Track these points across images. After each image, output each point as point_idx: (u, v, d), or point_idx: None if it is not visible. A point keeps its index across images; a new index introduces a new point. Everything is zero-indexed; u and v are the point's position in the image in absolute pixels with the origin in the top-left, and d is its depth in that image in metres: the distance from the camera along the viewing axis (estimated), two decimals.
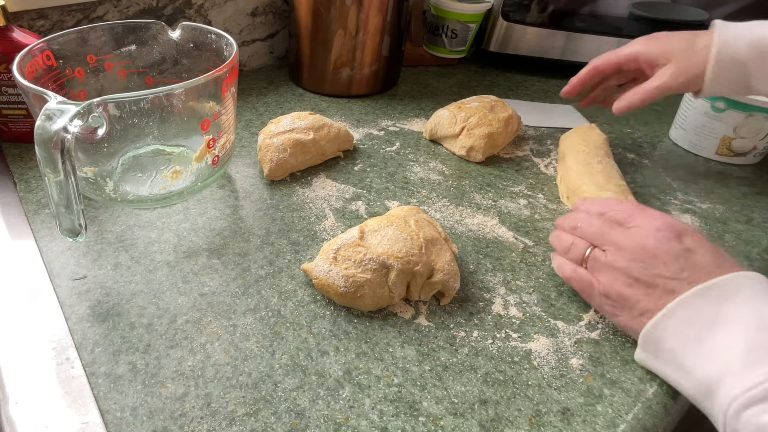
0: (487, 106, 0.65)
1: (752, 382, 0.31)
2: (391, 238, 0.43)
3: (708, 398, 0.34)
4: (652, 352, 0.38)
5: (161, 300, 0.42)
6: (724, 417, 0.32)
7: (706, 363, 0.34)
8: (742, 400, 0.31)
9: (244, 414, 0.34)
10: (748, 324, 0.33)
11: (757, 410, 0.30)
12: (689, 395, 0.36)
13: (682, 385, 0.36)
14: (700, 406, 0.35)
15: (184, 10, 0.71)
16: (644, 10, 0.83)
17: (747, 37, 0.51)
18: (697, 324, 0.35)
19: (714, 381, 0.33)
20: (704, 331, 0.34)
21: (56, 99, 0.38)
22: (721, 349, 0.33)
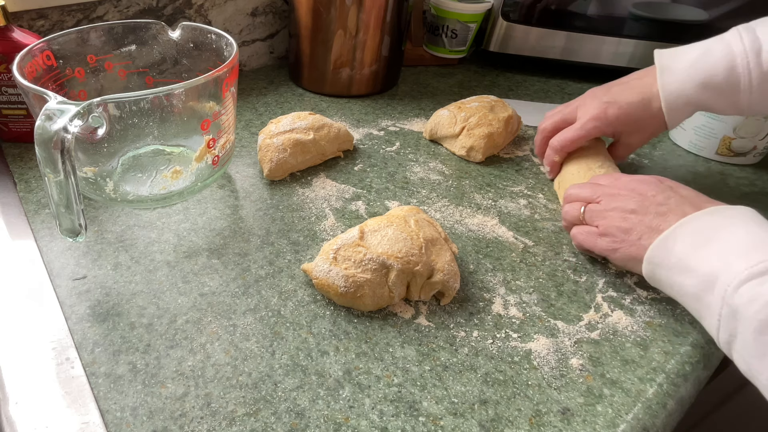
0: (487, 106, 0.65)
1: (753, 261, 0.35)
2: (391, 238, 0.43)
3: (709, 290, 0.37)
4: (659, 262, 0.41)
5: (161, 300, 0.42)
6: (723, 298, 0.36)
7: (711, 259, 0.37)
8: (742, 276, 0.35)
9: (244, 414, 0.34)
10: (748, 230, 0.38)
11: (754, 283, 0.34)
12: (692, 293, 0.39)
13: (686, 285, 0.39)
14: (699, 304, 0.38)
15: (184, 10, 0.71)
16: (644, 10, 0.83)
17: (692, 82, 0.50)
18: (705, 233, 0.39)
19: (717, 271, 0.36)
20: (711, 237, 0.38)
21: (56, 99, 0.38)
22: (725, 247, 0.37)
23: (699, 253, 0.38)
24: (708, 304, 0.37)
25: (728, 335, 0.36)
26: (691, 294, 0.39)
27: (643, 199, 0.44)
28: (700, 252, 0.38)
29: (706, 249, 0.38)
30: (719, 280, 0.36)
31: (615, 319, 0.44)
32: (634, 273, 0.49)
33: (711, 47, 0.50)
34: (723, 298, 0.36)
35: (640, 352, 0.41)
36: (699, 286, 0.38)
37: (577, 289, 0.47)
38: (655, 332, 0.43)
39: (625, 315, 0.44)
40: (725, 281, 0.36)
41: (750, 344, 0.34)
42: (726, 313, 0.36)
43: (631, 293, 0.47)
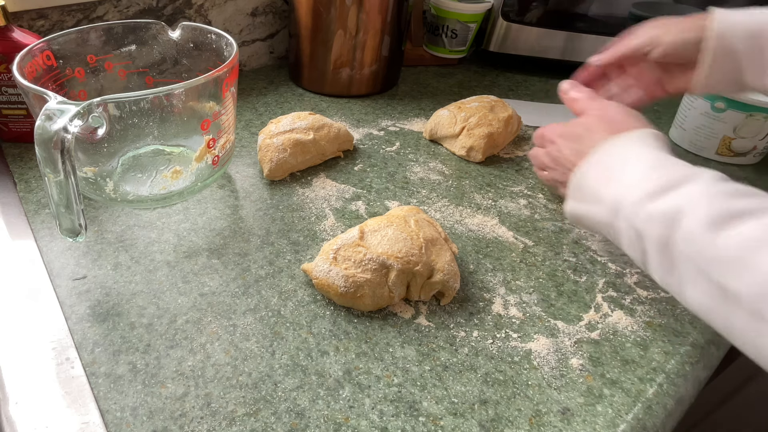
0: (487, 106, 0.65)
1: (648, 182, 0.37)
2: (391, 238, 0.43)
3: (617, 216, 0.39)
4: (577, 197, 0.44)
5: (161, 300, 0.42)
6: (627, 222, 0.38)
7: (615, 187, 0.39)
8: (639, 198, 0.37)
9: (244, 414, 0.34)
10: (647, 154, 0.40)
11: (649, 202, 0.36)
12: (604, 221, 0.41)
13: (599, 214, 0.41)
14: (613, 231, 0.40)
15: (184, 10, 0.71)
16: (644, 10, 0.83)
17: (743, 29, 0.48)
18: (609, 164, 0.41)
19: (620, 197, 0.39)
20: (613, 168, 0.41)
21: (56, 99, 0.38)
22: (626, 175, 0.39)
23: (605, 184, 0.40)
24: (619, 229, 0.39)
25: (640, 254, 0.38)
26: (605, 222, 0.41)
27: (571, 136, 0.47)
28: (606, 181, 0.40)
29: (611, 179, 0.40)
30: (622, 205, 0.38)
31: (615, 319, 0.44)
32: (634, 273, 0.49)
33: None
34: (628, 222, 0.38)
35: (640, 352, 0.41)
36: (609, 214, 0.40)
37: (577, 289, 0.47)
38: (655, 332, 0.43)
39: (625, 315, 0.44)
40: (626, 205, 0.38)
41: (657, 260, 0.37)
42: (633, 235, 0.38)
43: (631, 293, 0.47)
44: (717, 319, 0.33)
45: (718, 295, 0.32)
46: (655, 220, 0.36)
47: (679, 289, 0.36)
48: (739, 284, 0.31)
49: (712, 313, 0.33)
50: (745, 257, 0.31)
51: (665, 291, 0.47)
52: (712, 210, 0.33)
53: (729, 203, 0.33)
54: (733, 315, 0.32)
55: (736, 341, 0.33)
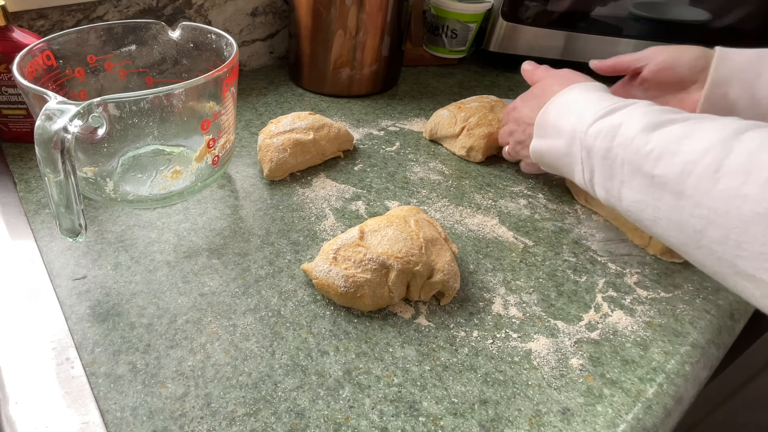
0: (487, 106, 0.65)
1: (598, 108, 0.43)
2: (391, 238, 0.43)
3: (572, 142, 0.45)
4: (540, 134, 0.50)
5: (161, 300, 0.42)
6: (580, 144, 0.44)
7: (572, 119, 0.45)
8: (590, 121, 0.43)
9: (244, 414, 0.34)
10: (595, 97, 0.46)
11: (599, 122, 0.42)
12: (564, 151, 0.46)
13: (559, 146, 0.47)
14: (570, 159, 0.46)
15: (184, 10, 0.71)
16: (644, 10, 0.83)
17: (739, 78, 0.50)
18: (566, 103, 0.48)
19: (576, 124, 0.45)
20: (570, 104, 0.47)
21: (56, 99, 0.38)
22: (581, 108, 0.45)
23: (563, 118, 0.47)
24: (573, 154, 0.45)
25: (589, 173, 0.44)
26: (563, 152, 0.46)
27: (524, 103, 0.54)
28: (565, 117, 0.46)
29: (569, 113, 0.46)
30: (576, 131, 0.44)
31: (615, 319, 0.44)
32: (634, 273, 0.49)
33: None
34: (580, 144, 0.44)
35: (640, 352, 0.41)
36: (567, 143, 0.46)
37: (577, 289, 0.47)
38: (655, 332, 0.43)
39: (625, 315, 0.44)
40: (580, 130, 0.44)
41: (600, 171, 0.42)
42: (584, 155, 0.44)
43: (631, 293, 0.47)
44: (647, 210, 0.39)
45: (648, 186, 0.38)
46: (601, 135, 0.42)
47: (618, 193, 0.41)
48: (665, 170, 0.37)
49: (644, 206, 0.39)
50: (671, 147, 0.37)
51: (665, 291, 0.47)
52: (645, 119, 0.40)
53: (660, 116, 0.40)
54: (660, 201, 0.37)
55: (661, 228, 0.38)
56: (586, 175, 0.44)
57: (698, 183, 0.35)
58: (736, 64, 0.50)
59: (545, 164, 0.51)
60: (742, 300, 0.47)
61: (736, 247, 0.33)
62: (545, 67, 0.57)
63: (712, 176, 0.34)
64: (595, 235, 0.53)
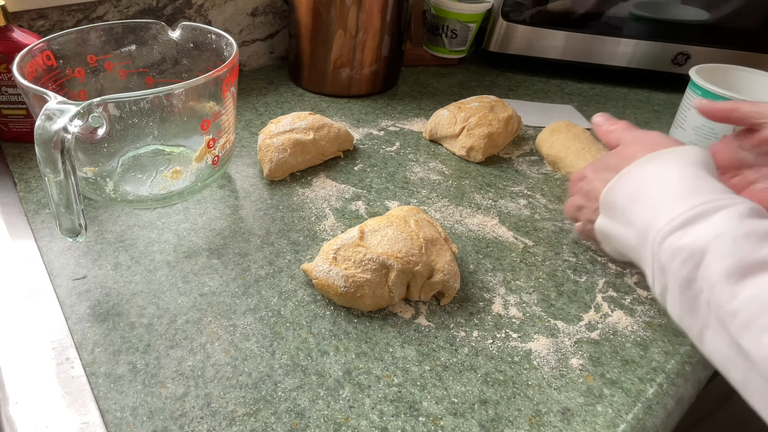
0: (487, 106, 0.65)
1: (676, 212, 0.34)
2: (391, 238, 0.43)
3: (644, 243, 0.37)
4: (607, 214, 0.41)
5: (161, 300, 0.42)
6: (652, 253, 0.36)
7: (644, 211, 0.37)
8: (665, 230, 0.35)
9: (244, 414, 0.34)
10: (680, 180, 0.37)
11: (675, 237, 0.34)
12: (633, 246, 0.38)
13: (628, 238, 0.39)
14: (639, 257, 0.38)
15: (184, 10, 0.71)
16: (644, 10, 0.83)
17: None
18: (641, 182, 0.39)
19: (648, 224, 0.36)
20: (646, 187, 0.38)
21: (56, 99, 0.38)
22: (656, 199, 0.37)
23: (635, 205, 0.38)
24: (644, 257, 0.37)
25: (661, 288, 0.36)
26: (633, 247, 0.39)
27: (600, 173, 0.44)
28: (637, 204, 0.38)
29: (641, 200, 0.38)
30: (649, 234, 0.36)
31: (615, 319, 0.44)
32: (634, 273, 0.49)
33: None
34: (652, 254, 0.36)
35: (640, 352, 0.41)
36: (637, 240, 0.38)
37: (577, 289, 0.47)
38: (655, 332, 0.43)
39: (625, 315, 0.44)
40: (652, 236, 0.36)
41: (678, 299, 0.35)
42: (656, 267, 0.36)
43: (631, 293, 0.47)
44: (734, 373, 0.32)
45: (735, 350, 0.31)
46: (679, 257, 0.33)
47: (698, 333, 0.33)
48: (752, 345, 0.29)
49: (730, 366, 0.32)
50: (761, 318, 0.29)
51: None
52: (736, 255, 0.31)
53: (755, 250, 0.31)
54: (748, 373, 0.30)
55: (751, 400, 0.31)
56: (658, 288, 0.37)
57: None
58: None
59: (611, 248, 0.43)
60: None
61: None
62: (626, 125, 0.46)
63: None
64: None
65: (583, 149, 0.60)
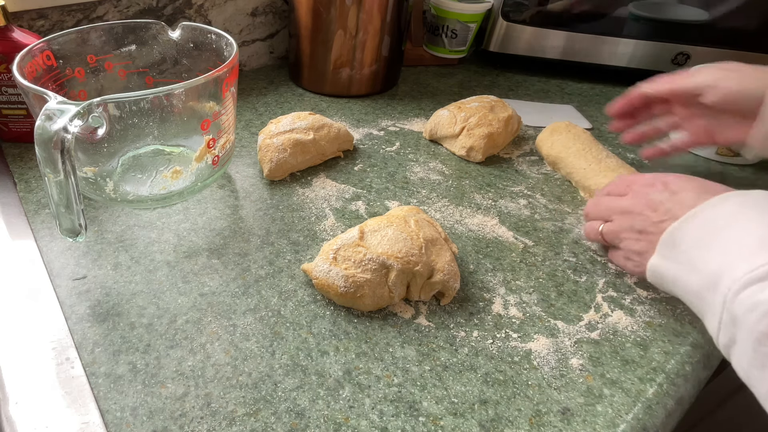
0: (487, 106, 0.65)
1: (754, 265, 0.32)
2: (391, 238, 0.43)
3: (712, 290, 0.35)
4: (666, 255, 0.40)
5: (161, 300, 0.42)
6: (723, 302, 0.34)
7: (716, 257, 0.35)
8: (743, 281, 0.33)
9: (244, 414, 0.34)
10: (760, 223, 0.35)
11: (755, 289, 0.32)
12: (695, 292, 0.37)
13: (689, 282, 0.37)
14: (701, 303, 0.37)
15: (184, 10, 0.71)
16: (644, 10, 0.83)
17: None
18: (712, 225, 0.37)
19: (720, 271, 0.35)
20: (718, 231, 0.36)
21: (56, 99, 0.38)
22: (731, 245, 0.35)
23: (704, 249, 0.36)
24: (710, 304, 0.36)
25: (728, 339, 0.35)
26: (694, 292, 0.37)
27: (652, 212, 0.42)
28: (706, 248, 0.36)
29: (712, 245, 0.36)
30: (722, 282, 0.34)
31: (615, 319, 0.44)
32: None
33: None
34: (724, 303, 0.34)
35: (640, 352, 0.41)
36: (702, 285, 0.36)
37: (577, 289, 0.47)
38: (655, 332, 0.43)
39: (625, 315, 0.44)
40: (726, 285, 0.34)
41: (749, 353, 0.33)
42: (726, 318, 0.34)
43: (631, 293, 0.47)
44: None
45: None
46: (757, 311, 0.31)
47: (765, 389, 0.32)
48: None
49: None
50: None
51: (666, 291, 0.47)
52: None
53: None
54: None
55: None
56: (722, 339, 0.35)
57: None
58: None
59: (664, 288, 0.42)
60: None
61: None
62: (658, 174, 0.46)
63: None
64: None
65: (583, 149, 0.60)
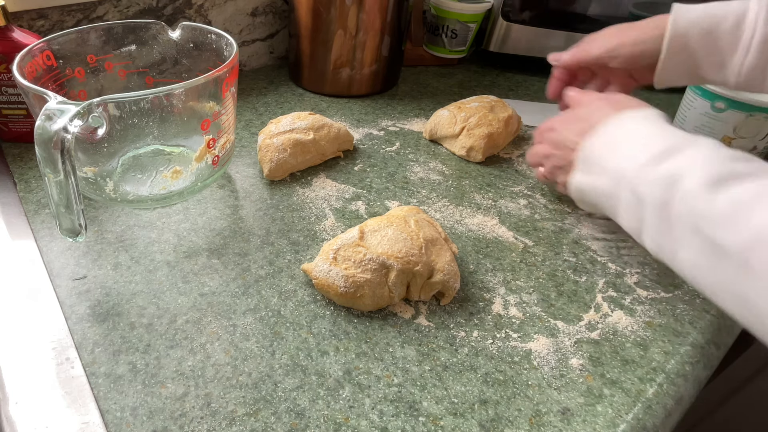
0: (487, 106, 0.65)
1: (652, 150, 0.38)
2: (391, 238, 0.43)
3: (619, 184, 0.40)
4: (583, 170, 0.45)
5: (161, 300, 0.42)
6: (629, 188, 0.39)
7: (621, 157, 0.41)
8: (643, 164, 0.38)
9: (244, 414, 0.34)
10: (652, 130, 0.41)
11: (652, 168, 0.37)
12: (607, 191, 0.42)
13: (604, 186, 0.42)
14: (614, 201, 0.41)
15: (184, 10, 0.71)
16: (644, 10, 0.83)
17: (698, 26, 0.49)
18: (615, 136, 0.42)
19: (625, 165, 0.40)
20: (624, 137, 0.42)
21: (56, 99, 0.38)
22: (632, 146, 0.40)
23: (612, 155, 0.42)
24: (619, 198, 0.40)
25: (638, 222, 0.39)
26: (607, 193, 0.42)
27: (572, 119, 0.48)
28: (613, 154, 0.42)
29: (618, 150, 0.41)
30: (626, 172, 0.39)
31: (615, 319, 0.44)
32: (634, 273, 0.49)
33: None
34: (629, 188, 0.39)
35: (640, 352, 0.41)
36: (612, 183, 0.41)
37: (577, 289, 0.47)
38: (655, 332, 0.43)
39: (625, 315, 0.44)
40: (629, 172, 0.39)
41: (655, 224, 0.37)
42: (633, 201, 0.39)
43: (631, 293, 0.47)
44: (706, 277, 0.35)
45: (710, 251, 0.34)
46: (656, 183, 0.37)
47: (672, 250, 0.37)
48: (731, 238, 0.32)
49: (702, 272, 0.35)
50: (739, 213, 0.32)
51: (665, 291, 0.47)
52: (711, 171, 0.35)
53: (727, 166, 0.35)
54: (722, 270, 0.33)
55: (721, 298, 0.34)
56: (633, 223, 0.40)
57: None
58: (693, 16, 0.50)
59: (585, 202, 0.47)
60: None
61: None
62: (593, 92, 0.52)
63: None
64: (595, 235, 0.53)
65: None
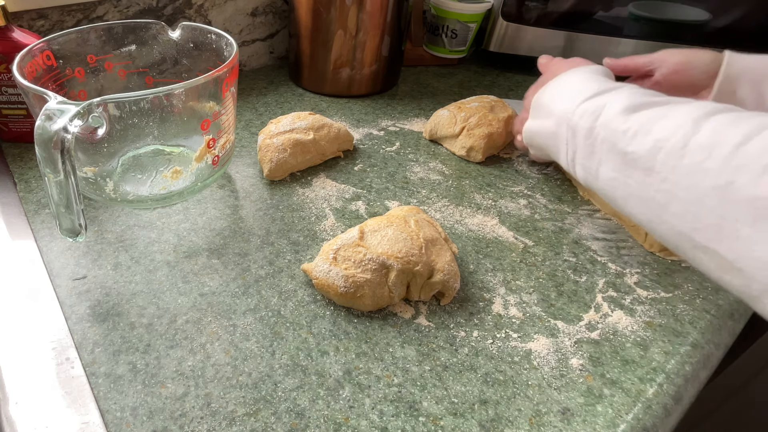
0: (487, 106, 0.65)
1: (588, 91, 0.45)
2: (391, 238, 0.43)
3: (561, 123, 0.46)
4: (535, 115, 0.52)
5: (161, 300, 0.42)
6: (567, 124, 0.45)
7: (563, 100, 0.47)
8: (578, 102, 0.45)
9: (244, 414, 0.34)
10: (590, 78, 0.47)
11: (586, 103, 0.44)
12: (552, 132, 0.48)
13: (547, 126, 0.49)
14: (557, 139, 0.47)
15: (184, 10, 0.71)
16: (644, 9, 0.83)
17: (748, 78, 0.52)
18: (560, 87, 0.49)
19: (567, 106, 0.46)
20: (567, 86, 0.48)
21: (56, 99, 0.38)
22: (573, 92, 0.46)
23: (557, 100, 0.48)
24: (560, 135, 0.47)
25: (572, 153, 0.45)
26: (552, 133, 0.48)
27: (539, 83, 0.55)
28: (558, 99, 0.48)
29: (562, 96, 0.48)
30: (565, 113, 0.46)
31: (615, 319, 0.44)
32: (634, 273, 0.49)
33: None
34: (567, 124, 0.45)
35: (640, 352, 0.41)
36: (555, 123, 0.47)
37: (577, 289, 0.47)
38: (655, 332, 0.43)
39: (625, 315, 0.44)
40: (569, 112, 0.45)
41: (581, 150, 0.44)
42: (569, 135, 0.45)
43: (631, 293, 0.47)
44: (620, 188, 0.40)
45: (622, 164, 0.40)
46: (586, 115, 0.43)
47: (595, 171, 0.43)
48: (638, 147, 0.38)
49: (617, 184, 0.41)
50: (646, 126, 0.38)
51: (665, 291, 0.47)
52: (629, 101, 0.41)
53: (642, 98, 0.41)
54: (631, 177, 0.39)
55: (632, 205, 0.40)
56: (569, 155, 0.46)
57: (666, 159, 0.36)
58: (746, 65, 0.52)
59: (535, 146, 0.53)
60: (743, 300, 0.47)
61: (694, 219, 0.34)
62: (559, 58, 0.59)
63: (679, 152, 0.35)
64: (596, 235, 0.53)
65: None
